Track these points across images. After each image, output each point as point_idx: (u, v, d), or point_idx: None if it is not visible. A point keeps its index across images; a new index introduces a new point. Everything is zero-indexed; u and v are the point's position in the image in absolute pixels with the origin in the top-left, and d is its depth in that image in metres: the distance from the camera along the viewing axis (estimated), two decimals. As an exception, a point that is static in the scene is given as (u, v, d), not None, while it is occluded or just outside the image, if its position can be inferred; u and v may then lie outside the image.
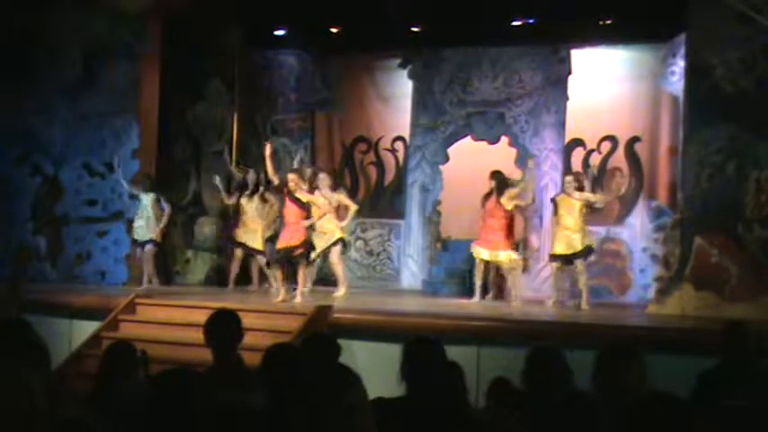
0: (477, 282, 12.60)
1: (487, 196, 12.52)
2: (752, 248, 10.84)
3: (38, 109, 13.81)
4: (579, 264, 12.07)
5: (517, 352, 5.22)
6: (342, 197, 12.91)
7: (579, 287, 12.12)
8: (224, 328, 5.60)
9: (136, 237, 13.10)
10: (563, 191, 12.40)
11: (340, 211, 12.99)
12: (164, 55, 13.89)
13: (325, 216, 12.28)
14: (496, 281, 13.10)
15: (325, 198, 12.41)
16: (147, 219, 13.02)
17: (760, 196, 10.81)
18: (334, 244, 12.50)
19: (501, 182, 12.45)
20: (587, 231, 12.20)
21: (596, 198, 12.34)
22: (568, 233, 12.07)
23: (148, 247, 13.02)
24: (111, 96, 13.66)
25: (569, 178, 12.43)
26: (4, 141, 13.96)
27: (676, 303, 11.01)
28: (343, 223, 12.77)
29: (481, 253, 12.44)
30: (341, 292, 12.40)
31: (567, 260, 12.16)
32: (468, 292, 12.85)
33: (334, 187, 13.01)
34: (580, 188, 12.35)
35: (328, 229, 12.43)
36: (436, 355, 4.50)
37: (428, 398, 4.22)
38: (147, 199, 13.05)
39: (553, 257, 12.34)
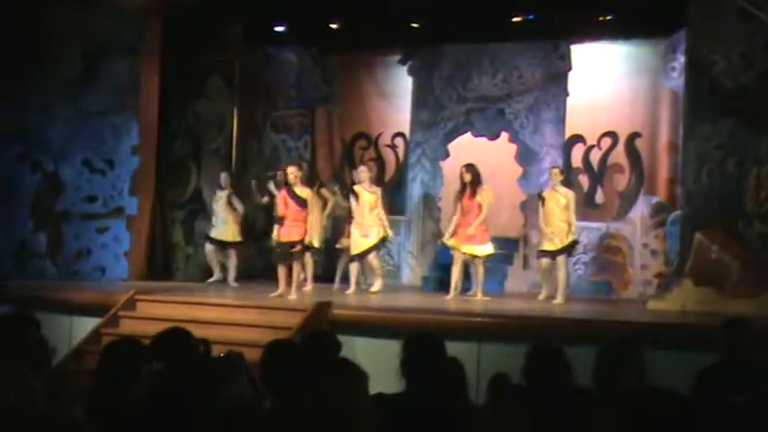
0: (455, 277, 12.27)
1: (462, 192, 12.40)
2: (752, 244, 10.84)
3: (38, 106, 13.81)
4: (560, 259, 12.02)
5: (517, 348, 5.22)
6: (378, 194, 12.71)
7: (557, 281, 12.04)
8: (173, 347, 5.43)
9: (212, 234, 13.33)
10: (550, 185, 12.28)
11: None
12: (163, 52, 13.90)
13: (372, 211, 12.31)
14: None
15: (366, 191, 12.42)
16: (221, 216, 13.25)
17: (760, 192, 10.80)
18: (379, 244, 12.50)
19: (476, 176, 12.33)
20: (573, 226, 12.10)
21: (573, 203, 12.20)
22: (555, 229, 12.02)
23: (230, 251, 13.35)
24: (112, 93, 13.66)
25: (556, 170, 12.38)
26: (5, 138, 13.95)
27: (677, 299, 11.00)
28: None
29: (463, 249, 12.24)
30: (377, 286, 12.44)
31: (553, 256, 12.10)
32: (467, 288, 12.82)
33: (374, 182, 12.91)
34: (565, 182, 12.35)
35: (373, 224, 12.42)
36: (436, 351, 4.50)
37: (428, 394, 4.22)
38: (222, 195, 13.25)
39: (541, 253, 12.26)
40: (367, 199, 12.45)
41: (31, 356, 4.35)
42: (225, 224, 13.31)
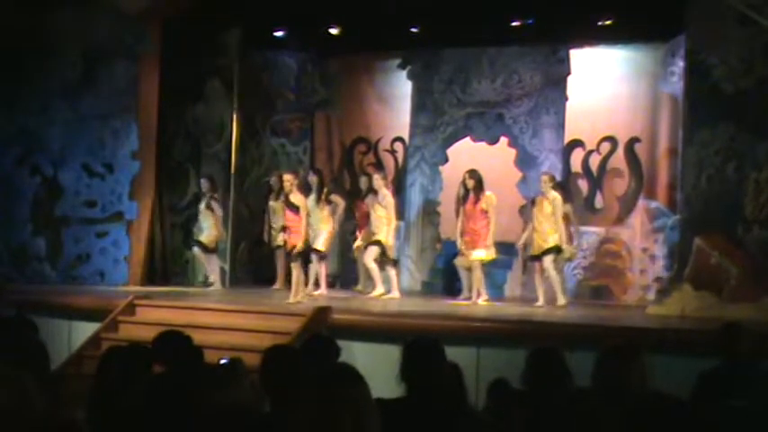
0: (466, 282, 12.57)
1: (465, 197, 12.45)
2: (751, 249, 10.83)
3: (37, 109, 13.80)
4: (546, 260, 12.04)
5: (517, 353, 5.22)
6: (390, 205, 12.79)
7: (552, 285, 12.10)
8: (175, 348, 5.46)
9: (199, 238, 13.44)
10: (541, 191, 12.35)
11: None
12: (163, 56, 13.89)
13: (380, 219, 12.36)
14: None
15: (382, 203, 12.59)
16: (203, 221, 13.38)
17: (759, 197, 10.80)
18: (371, 244, 12.58)
19: (479, 181, 12.38)
20: (561, 232, 12.11)
21: (563, 209, 12.25)
22: (542, 234, 12.05)
23: (211, 256, 13.50)
24: (111, 97, 13.65)
25: (544, 177, 12.43)
26: (4, 142, 13.95)
27: (676, 304, 11.00)
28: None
29: (467, 255, 12.39)
30: (377, 292, 12.48)
31: (535, 259, 12.14)
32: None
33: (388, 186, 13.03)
34: (556, 187, 12.36)
35: (377, 231, 12.49)
36: (436, 355, 4.49)
37: (428, 399, 4.21)
38: (204, 200, 13.35)
39: (531, 258, 12.28)
40: (381, 215, 12.54)
41: (29, 360, 4.35)
42: (207, 229, 13.34)
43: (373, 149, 15.57)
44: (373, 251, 12.61)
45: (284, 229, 11.99)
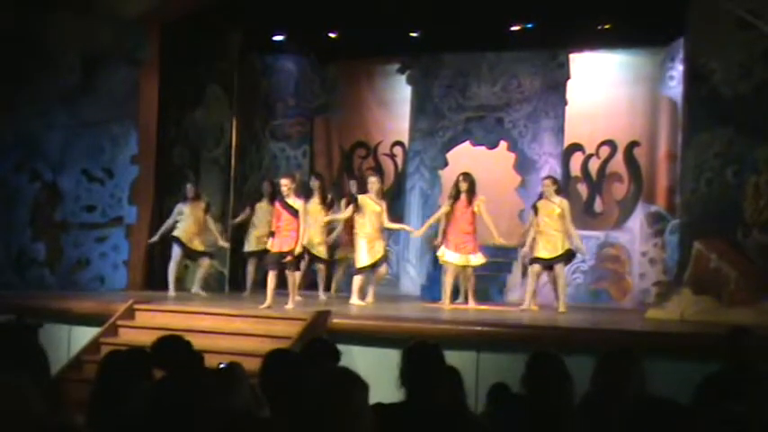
0: (448, 287, 12.34)
1: (455, 198, 12.41)
2: (751, 253, 10.83)
3: (37, 115, 13.78)
4: (558, 267, 12.02)
5: (516, 357, 5.22)
6: (384, 207, 12.68)
7: (557, 290, 12.07)
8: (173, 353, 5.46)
9: (183, 240, 13.26)
10: (543, 196, 12.29)
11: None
12: (162, 61, 13.90)
13: (379, 224, 12.36)
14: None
15: (373, 201, 12.47)
16: (193, 226, 13.21)
17: (758, 201, 10.80)
18: (383, 259, 12.56)
19: (472, 184, 12.34)
20: (569, 235, 12.09)
21: (568, 212, 12.21)
22: (549, 237, 12.00)
23: (202, 260, 13.39)
24: (110, 102, 13.65)
25: (547, 181, 12.37)
26: (3, 147, 13.93)
27: (675, 308, 10.99)
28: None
29: (454, 259, 12.29)
30: (368, 298, 12.47)
31: (547, 264, 12.09)
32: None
33: (381, 195, 12.93)
34: (559, 191, 12.34)
35: (379, 238, 12.47)
36: (435, 360, 4.50)
37: (427, 403, 4.21)
38: (195, 207, 13.22)
39: (534, 261, 12.22)
40: (373, 210, 12.46)
41: (29, 365, 4.35)
42: (197, 233, 13.30)
43: (373, 154, 15.60)
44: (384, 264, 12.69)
45: (272, 234, 11.91)
